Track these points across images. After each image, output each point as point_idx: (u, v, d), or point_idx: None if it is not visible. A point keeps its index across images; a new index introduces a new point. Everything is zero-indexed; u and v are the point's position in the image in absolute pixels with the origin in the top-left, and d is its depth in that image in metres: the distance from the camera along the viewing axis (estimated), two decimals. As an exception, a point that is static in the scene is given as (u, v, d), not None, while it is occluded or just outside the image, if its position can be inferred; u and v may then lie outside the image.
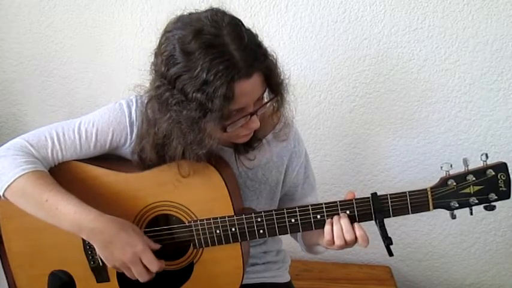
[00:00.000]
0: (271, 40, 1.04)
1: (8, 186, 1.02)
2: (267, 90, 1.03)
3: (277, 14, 1.68)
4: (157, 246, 1.07)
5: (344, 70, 1.70)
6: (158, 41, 0.99)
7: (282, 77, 1.03)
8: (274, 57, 1.02)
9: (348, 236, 1.02)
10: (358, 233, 1.03)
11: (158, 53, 0.98)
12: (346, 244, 1.04)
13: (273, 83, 1.01)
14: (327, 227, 1.04)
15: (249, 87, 0.94)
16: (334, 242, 1.04)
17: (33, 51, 1.89)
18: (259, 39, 0.99)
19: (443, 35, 1.61)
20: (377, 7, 1.61)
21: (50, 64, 1.90)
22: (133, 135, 1.12)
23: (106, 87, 1.89)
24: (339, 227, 1.03)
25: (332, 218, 1.05)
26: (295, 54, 1.71)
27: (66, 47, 1.86)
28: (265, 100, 1.04)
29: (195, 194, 1.09)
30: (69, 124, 1.11)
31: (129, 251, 1.01)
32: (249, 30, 0.98)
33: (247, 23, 1.00)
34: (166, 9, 1.02)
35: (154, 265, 1.02)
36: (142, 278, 1.03)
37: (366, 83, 1.71)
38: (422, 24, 1.61)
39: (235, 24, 0.96)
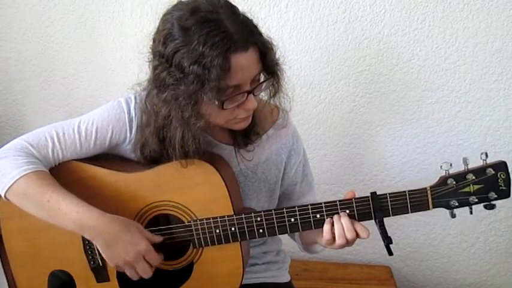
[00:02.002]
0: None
1: (10, 187, 1.02)
2: (263, 76, 1.04)
3: (277, 14, 1.68)
4: (159, 238, 1.08)
5: (344, 70, 1.70)
6: (157, 25, 1.01)
7: (277, 57, 1.04)
8: (270, 39, 1.03)
9: (350, 235, 1.02)
10: (358, 227, 1.03)
11: (156, 33, 1.00)
12: (348, 243, 1.04)
13: (269, 62, 1.02)
14: (326, 226, 1.04)
15: (245, 61, 0.95)
16: (334, 241, 1.04)
17: (33, 51, 1.89)
18: (254, 22, 1.01)
19: (443, 35, 1.61)
20: (377, 7, 1.61)
21: (50, 64, 1.90)
22: (133, 132, 1.13)
23: (106, 87, 1.89)
24: (340, 226, 1.03)
25: (332, 217, 1.05)
26: (295, 54, 1.71)
27: (66, 47, 1.86)
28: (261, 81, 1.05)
29: (194, 194, 1.09)
30: (69, 124, 1.12)
31: (132, 250, 1.01)
32: (244, 14, 1.00)
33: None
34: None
35: (157, 262, 1.04)
36: (147, 274, 1.05)
37: (366, 83, 1.71)
38: (422, 24, 1.61)
39: (231, 5, 0.99)
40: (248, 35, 0.95)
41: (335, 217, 1.05)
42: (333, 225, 1.04)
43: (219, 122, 1.05)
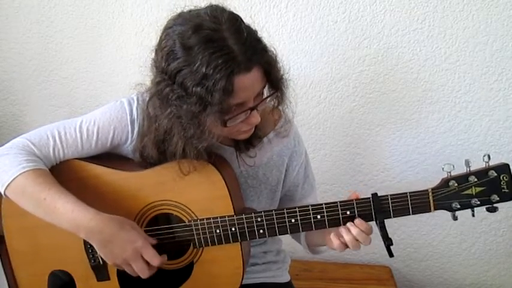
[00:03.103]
0: (271, 40, 1.03)
1: (9, 184, 1.02)
2: (266, 86, 1.03)
3: (277, 14, 1.68)
4: (153, 241, 1.06)
5: (344, 70, 1.70)
6: (159, 37, 1.00)
7: (281, 72, 1.03)
8: (274, 52, 1.02)
9: (362, 241, 1.03)
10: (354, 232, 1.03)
11: (158, 49, 0.99)
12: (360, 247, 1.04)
13: (273, 78, 1.01)
14: (336, 242, 1.05)
15: (249, 81, 0.95)
16: (346, 248, 1.05)
17: (33, 51, 1.89)
18: (258, 34, 0.99)
19: (443, 35, 1.61)
20: (377, 7, 1.61)
21: (50, 64, 1.90)
22: (135, 133, 1.12)
23: (106, 87, 1.89)
24: (352, 237, 1.03)
25: (338, 232, 1.05)
26: (295, 54, 1.71)
27: (66, 47, 1.86)
28: (265, 95, 1.04)
29: (195, 194, 1.09)
30: (71, 123, 1.12)
31: (130, 248, 1.01)
32: (248, 26, 0.98)
33: (247, 22, 1.00)
34: (166, 9, 1.02)
35: (156, 260, 1.02)
36: (144, 274, 1.03)
37: (366, 83, 1.71)
38: (422, 24, 1.61)
39: (235, 19, 0.96)
40: (252, 54, 0.94)
41: (343, 231, 1.04)
42: (341, 236, 1.04)
43: (222, 135, 1.05)
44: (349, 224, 1.04)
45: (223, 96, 0.91)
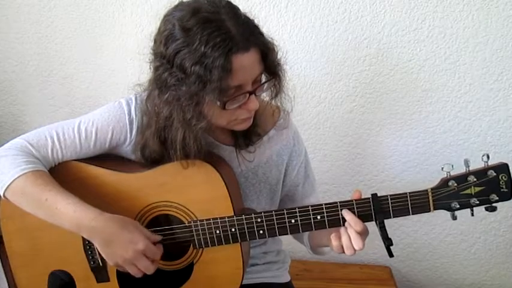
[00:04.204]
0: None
1: (8, 186, 1.02)
2: (264, 77, 1.04)
3: (277, 14, 1.68)
4: (158, 237, 1.07)
5: (344, 70, 1.70)
6: (158, 26, 1.01)
7: (279, 58, 1.04)
8: (271, 40, 1.03)
9: (357, 245, 1.02)
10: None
11: (157, 34, 1.00)
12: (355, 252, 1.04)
13: (270, 63, 1.02)
14: (335, 243, 1.04)
15: (247, 61, 0.95)
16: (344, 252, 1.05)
17: (33, 51, 1.89)
18: (256, 22, 1.01)
19: (443, 35, 1.61)
20: (377, 7, 1.61)
21: (50, 64, 1.90)
22: (133, 133, 1.12)
23: (106, 87, 1.89)
24: (347, 238, 1.03)
25: (338, 232, 1.05)
26: (295, 54, 1.71)
27: (66, 47, 1.86)
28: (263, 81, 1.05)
29: (195, 194, 1.09)
30: (69, 123, 1.12)
31: (131, 249, 1.00)
32: (245, 14, 1.00)
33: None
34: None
35: (159, 256, 1.04)
36: (149, 271, 1.03)
37: (366, 83, 1.71)
38: (422, 24, 1.61)
39: (233, 6, 0.98)
40: (249, 35, 0.95)
41: (342, 230, 1.04)
42: (340, 238, 1.04)
43: (220, 123, 1.05)
44: (346, 224, 1.04)
45: (222, 73, 0.92)
